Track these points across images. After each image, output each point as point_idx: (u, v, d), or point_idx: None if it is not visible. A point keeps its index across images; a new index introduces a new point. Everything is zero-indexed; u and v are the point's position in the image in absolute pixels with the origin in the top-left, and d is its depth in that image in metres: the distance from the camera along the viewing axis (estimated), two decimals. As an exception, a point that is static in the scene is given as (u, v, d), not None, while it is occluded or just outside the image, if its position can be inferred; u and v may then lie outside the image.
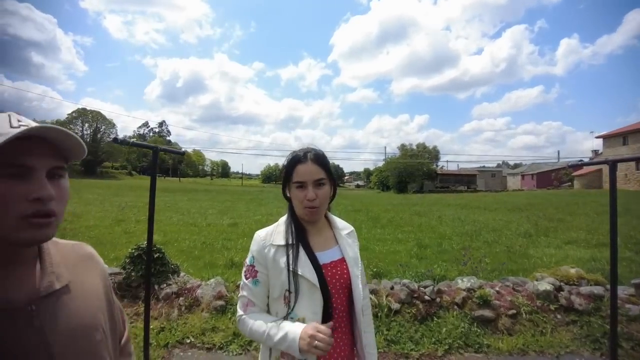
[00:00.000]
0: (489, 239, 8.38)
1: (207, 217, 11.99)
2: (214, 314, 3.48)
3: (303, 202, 1.17)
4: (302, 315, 1.14)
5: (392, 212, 15.32)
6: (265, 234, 1.24)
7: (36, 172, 0.62)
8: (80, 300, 0.74)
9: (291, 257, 1.16)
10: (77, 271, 0.77)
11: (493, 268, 5.16)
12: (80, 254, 0.82)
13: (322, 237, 1.27)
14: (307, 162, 1.18)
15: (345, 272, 1.22)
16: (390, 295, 3.61)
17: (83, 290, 0.76)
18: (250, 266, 1.22)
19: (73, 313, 0.71)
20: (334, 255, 1.25)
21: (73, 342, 0.69)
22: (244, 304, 1.21)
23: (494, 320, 3.40)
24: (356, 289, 1.21)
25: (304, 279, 1.14)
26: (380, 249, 6.96)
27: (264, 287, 1.20)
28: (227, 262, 5.57)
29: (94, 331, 0.74)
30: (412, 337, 3.25)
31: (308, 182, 1.16)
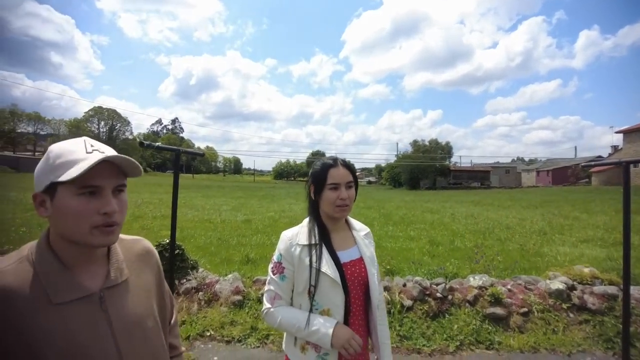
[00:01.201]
0: (502, 236, 8.32)
1: (222, 213, 12.20)
2: (232, 308, 3.62)
3: (335, 202, 1.30)
4: (326, 307, 1.27)
5: (404, 209, 15.30)
6: (291, 234, 1.36)
7: (105, 190, 0.77)
8: (136, 293, 0.89)
9: (315, 256, 1.28)
10: (136, 267, 0.93)
11: (505, 266, 5.16)
12: (139, 250, 0.97)
13: (342, 237, 1.39)
14: (339, 167, 1.33)
15: (363, 271, 1.34)
16: (402, 292, 3.68)
17: (139, 284, 0.91)
18: (278, 263, 1.34)
19: (130, 303, 0.86)
20: (353, 254, 1.36)
21: (129, 326, 0.84)
22: (271, 297, 1.33)
23: (506, 318, 3.45)
24: (373, 286, 1.34)
25: (327, 276, 1.26)
26: (392, 246, 7.02)
27: (290, 282, 1.32)
28: (243, 258, 5.71)
29: (147, 319, 0.89)
30: (424, 333, 3.32)
31: (341, 184, 1.30)
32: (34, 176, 0.78)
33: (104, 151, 0.79)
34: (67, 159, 0.74)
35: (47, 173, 0.74)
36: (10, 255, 0.78)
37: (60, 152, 0.75)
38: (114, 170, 0.79)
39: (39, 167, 0.77)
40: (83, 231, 0.74)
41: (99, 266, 0.84)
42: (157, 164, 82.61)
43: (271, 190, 31.74)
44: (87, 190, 0.74)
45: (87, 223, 0.74)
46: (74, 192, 0.73)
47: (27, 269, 0.74)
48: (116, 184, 0.79)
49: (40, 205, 0.77)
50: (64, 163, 0.73)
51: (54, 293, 0.73)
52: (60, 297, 0.74)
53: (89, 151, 0.76)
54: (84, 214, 0.74)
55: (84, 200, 0.74)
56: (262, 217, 11.31)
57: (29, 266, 0.75)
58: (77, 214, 0.73)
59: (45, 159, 0.77)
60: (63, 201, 0.74)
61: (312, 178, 1.37)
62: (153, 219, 9.98)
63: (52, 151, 0.76)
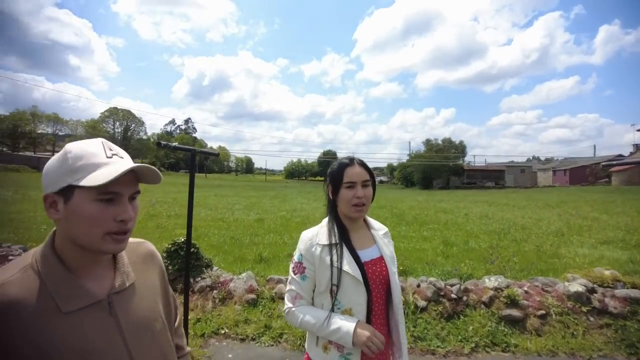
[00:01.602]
0: (518, 237, 8.17)
1: (234, 212, 12.32)
2: (246, 306, 3.66)
3: (352, 200, 1.30)
4: (349, 306, 1.27)
5: (416, 208, 15.16)
6: (311, 235, 1.37)
7: (122, 198, 0.76)
8: (143, 296, 0.88)
9: (336, 255, 1.29)
10: (141, 269, 0.91)
11: (522, 267, 5.07)
12: (143, 253, 0.95)
13: (362, 236, 1.39)
14: (355, 166, 1.34)
15: (384, 269, 1.34)
16: (416, 292, 3.65)
17: (145, 287, 0.90)
18: (299, 263, 1.35)
19: (138, 307, 0.85)
20: (373, 253, 1.36)
21: (139, 330, 0.82)
22: (292, 297, 1.35)
23: (522, 320, 3.39)
24: (394, 284, 1.34)
25: (349, 275, 1.26)
26: (405, 246, 6.97)
27: (311, 282, 1.33)
28: (256, 257, 5.75)
29: (155, 322, 0.88)
30: (439, 335, 3.29)
31: (357, 183, 1.31)
32: (45, 175, 0.75)
33: (122, 156, 0.79)
34: (88, 162, 0.72)
35: (64, 174, 0.72)
36: (14, 263, 0.75)
37: (81, 154, 0.73)
38: (133, 178, 0.78)
39: (54, 166, 0.74)
40: (95, 237, 0.73)
41: (105, 270, 0.82)
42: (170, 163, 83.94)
43: (283, 190, 31.89)
44: (106, 196, 0.73)
45: (101, 229, 0.73)
46: (91, 197, 0.72)
47: (33, 278, 0.71)
48: (133, 191, 0.78)
49: (51, 206, 0.74)
50: (85, 166, 0.72)
51: (63, 302, 0.71)
52: (70, 305, 0.72)
53: (108, 155, 0.75)
54: (100, 220, 0.72)
55: (101, 206, 0.72)
56: (274, 217, 11.38)
57: (34, 275, 0.72)
58: (93, 220, 0.72)
59: (62, 158, 0.73)
60: (79, 205, 0.71)
61: (330, 178, 1.38)
62: (167, 217, 10.15)
63: (71, 151, 0.73)
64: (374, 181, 1.37)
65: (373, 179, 1.37)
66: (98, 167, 0.72)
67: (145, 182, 0.82)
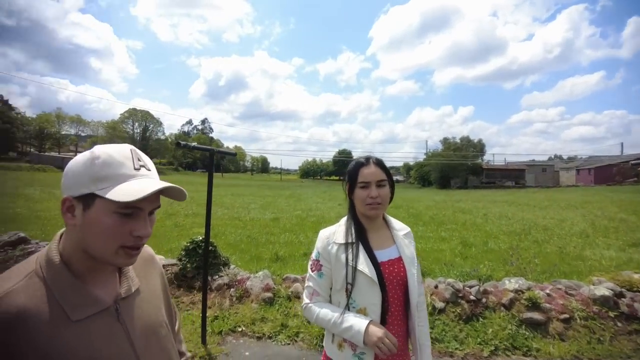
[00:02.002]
0: (539, 238, 7.94)
1: (250, 211, 12.46)
2: (263, 305, 3.69)
3: (366, 200, 1.30)
4: (363, 306, 1.27)
5: (434, 208, 14.95)
6: (328, 233, 1.38)
7: (143, 213, 0.73)
8: (148, 301, 0.86)
9: (351, 255, 1.29)
10: (143, 274, 0.89)
11: (543, 269, 4.92)
12: (144, 257, 0.92)
13: (380, 236, 1.38)
14: (370, 165, 1.33)
15: (402, 270, 1.32)
16: (434, 293, 3.60)
17: (149, 291, 0.88)
18: (316, 260, 1.37)
19: (144, 312, 0.83)
20: (392, 254, 1.34)
21: (146, 336, 0.80)
22: (310, 293, 1.37)
23: (544, 323, 3.29)
24: (412, 286, 1.31)
25: (363, 274, 1.26)
26: (422, 247, 6.87)
27: (327, 279, 1.34)
28: (272, 256, 5.79)
29: (160, 327, 0.86)
30: (457, 337, 3.23)
31: (372, 183, 1.30)
32: (67, 176, 0.71)
33: (150, 168, 0.77)
34: (116, 173, 0.69)
35: (88, 181, 0.69)
36: (17, 269, 0.71)
37: (109, 162, 0.70)
38: (157, 195, 0.74)
39: (78, 169, 0.70)
40: (109, 250, 0.71)
41: (110, 276, 0.79)
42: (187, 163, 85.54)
43: (298, 189, 32.01)
44: (127, 210, 0.70)
45: (117, 242, 0.70)
46: (112, 209, 0.69)
47: (39, 285, 0.68)
48: (154, 207, 0.76)
49: (68, 210, 0.71)
50: (111, 176, 0.69)
51: (72, 310, 0.68)
52: (79, 313, 0.69)
53: (136, 167, 0.73)
54: (117, 234, 0.70)
55: (120, 219, 0.70)
56: (289, 216, 11.44)
57: (39, 282, 0.68)
58: (110, 232, 0.69)
59: (89, 163, 0.69)
60: (98, 215, 0.69)
61: (347, 177, 1.39)
62: (185, 216, 10.34)
63: (99, 157, 0.70)
64: (391, 181, 1.36)
65: (390, 179, 1.35)
66: (125, 180, 0.70)
67: (169, 197, 0.80)
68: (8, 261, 4.78)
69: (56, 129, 65.51)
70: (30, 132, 61.06)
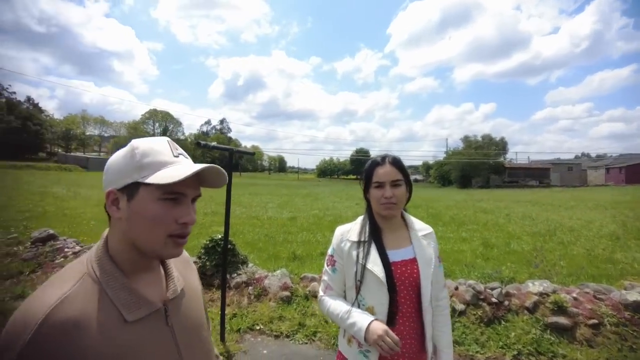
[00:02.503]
0: (565, 239, 7.65)
1: (268, 210, 12.56)
2: (281, 303, 3.71)
3: (380, 200, 1.30)
4: (371, 304, 1.28)
5: (454, 208, 14.67)
6: (344, 230, 1.40)
7: (186, 199, 0.73)
8: (191, 302, 0.85)
9: (362, 253, 1.30)
10: (185, 273, 0.89)
11: (570, 272, 4.74)
12: (183, 258, 0.92)
13: (397, 237, 1.36)
14: (385, 165, 1.32)
15: (415, 272, 1.29)
16: (454, 295, 3.52)
17: (191, 293, 0.87)
18: (331, 256, 1.40)
19: (189, 314, 0.82)
20: (406, 254, 1.32)
21: (190, 338, 0.79)
22: (324, 286, 1.41)
23: (571, 329, 3.16)
24: (424, 289, 1.28)
25: (372, 274, 1.26)
26: (442, 247, 6.73)
27: (340, 274, 1.37)
28: (290, 254, 5.82)
29: (201, 328, 0.86)
30: (478, 340, 3.15)
31: (386, 182, 1.29)
32: (108, 170, 0.72)
33: (187, 157, 0.77)
34: (155, 160, 0.70)
35: (130, 171, 0.69)
36: (69, 271, 0.70)
37: (148, 151, 0.70)
38: (197, 181, 0.75)
39: (119, 162, 0.71)
40: (158, 239, 0.70)
41: (156, 276, 0.79)
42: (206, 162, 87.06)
43: (315, 188, 32.06)
44: (171, 196, 0.70)
45: (164, 230, 0.70)
46: (156, 196, 0.69)
47: (93, 287, 0.67)
48: (196, 194, 0.76)
49: (113, 204, 0.70)
50: (152, 163, 0.69)
51: (126, 311, 0.68)
52: (133, 314, 0.68)
53: (175, 155, 0.73)
54: (163, 221, 0.69)
55: (165, 206, 0.69)
56: (306, 215, 11.46)
57: (93, 283, 0.67)
58: (156, 220, 0.69)
59: (129, 154, 0.70)
60: (143, 204, 0.69)
61: (363, 176, 1.39)
62: (204, 215, 10.52)
63: (138, 147, 0.70)
64: (408, 180, 1.34)
65: (407, 178, 1.34)
66: (165, 166, 0.70)
67: (207, 185, 0.79)
68: (39, 257, 5.00)
69: (81, 130, 68.19)
70: (57, 133, 63.70)
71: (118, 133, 72.83)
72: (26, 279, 4.42)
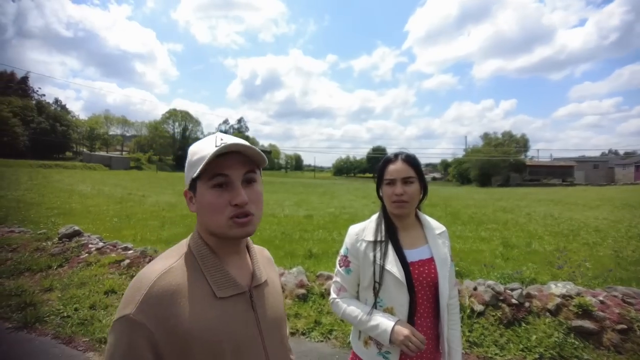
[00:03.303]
0: (590, 240, 7.38)
1: (284, 208, 12.65)
2: (297, 301, 3.73)
3: (391, 197, 1.28)
4: (390, 305, 1.25)
5: (473, 207, 14.39)
6: (358, 230, 1.37)
7: (234, 182, 0.77)
8: (274, 295, 0.90)
9: (379, 253, 1.27)
10: (267, 270, 0.94)
11: (595, 274, 4.56)
12: (265, 256, 0.99)
13: (412, 235, 1.34)
14: (398, 162, 1.30)
15: (432, 271, 1.27)
16: (473, 296, 3.46)
17: (274, 286, 0.93)
18: (344, 256, 1.37)
19: (271, 304, 0.87)
20: (423, 254, 1.30)
21: (272, 328, 0.85)
22: (337, 288, 1.38)
23: (597, 333, 3.04)
24: (442, 288, 1.26)
25: (391, 274, 1.23)
26: (461, 247, 6.63)
27: (355, 275, 1.34)
28: (306, 252, 5.85)
29: (282, 322, 0.91)
30: (497, 342, 3.08)
31: (397, 179, 1.27)
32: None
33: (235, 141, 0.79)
34: (200, 156, 0.76)
35: (188, 171, 0.78)
36: (174, 250, 0.81)
37: (196, 150, 0.78)
38: (240, 160, 0.78)
39: (185, 166, 0.82)
40: (221, 223, 0.76)
41: (243, 262, 0.86)
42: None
43: (331, 187, 32.07)
44: (217, 181, 0.75)
45: (222, 215, 0.75)
46: (208, 185, 0.76)
47: (191, 264, 0.77)
48: (242, 172, 0.78)
49: (190, 201, 0.80)
50: (198, 159, 0.76)
51: (217, 288, 0.76)
52: (223, 292, 0.76)
53: (217, 144, 0.77)
54: (218, 207, 0.75)
55: (217, 192, 0.75)
56: (323, 213, 11.48)
57: (192, 261, 0.77)
58: (212, 207, 0.75)
59: (187, 158, 0.80)
60: (201, 195, 0.77)
61: (376, 173, 1.37)
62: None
63: (190, 150, 0.80)
64: (422, 178, 1.31)
65: (420, 176, 1.30)
66: (206, 158, 0.75)
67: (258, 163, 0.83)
68: (65, 252, 5.20)
69: (104, 129, 70.36)
70: (82, 133, 66.03)
71: (139, 132, 74.79)
72: (54, 273, 4.62)
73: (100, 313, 3.55)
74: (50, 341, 3.09)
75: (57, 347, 2.99)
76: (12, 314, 3.48)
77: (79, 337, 3.14)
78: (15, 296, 3.81)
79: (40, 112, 52.97)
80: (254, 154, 0.79)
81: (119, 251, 5.13)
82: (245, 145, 0.77)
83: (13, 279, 4.37)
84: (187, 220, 9.05)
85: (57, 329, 3.24)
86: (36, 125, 50.17)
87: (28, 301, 3.65)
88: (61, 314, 3.50)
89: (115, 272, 4.53)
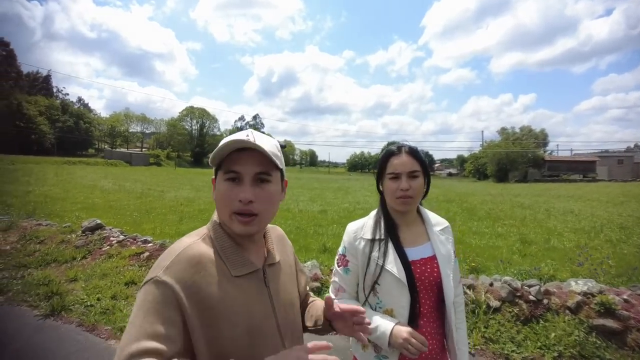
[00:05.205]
0: (614, 237, 7.14)
1: (299, 203, 12.71)
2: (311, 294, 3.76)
3: (396, 193, 1.20)
4: (390, 307, 1.19)
5: (490, 203, 14.11)
6: (356, 228, 1.30)
7: (245, 178, 0.79)
8: (286, 275, 0.96)
9: (379, 252, 1.21)
10: (280, 250, 0.98)
11: (619, 272, 4.41)
12: (278, 235, 1.03)
13: (413, 232, 1.27)
14: (402, 155, 1.22)
15: (435, 270, 1.21)
16: (489, 292, 3.41)
17: (286, 266, 0.97)
18: (342, 255, 1.30)
19: (284, 283, 0.93)
20: (425, 252, 1.24)
21: (285, 305, 0.89)
22: (335, 288, 1.31)
23: (621, 333, 2.95)
24: (447, 288, 1.20)
25: (391, 274, 1.17)
26: (477, 243, 6.53)
27: (353, 275, 1.27)
28: (320, 247, 5.89)
29: (295, 299, 0.96)
30: (514, 338, 3.04)
31: (402, 174, 1.20)
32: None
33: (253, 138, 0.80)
34: (224, 148, 0.79)
35: (211, 160, 0.82)
36: (194, 232, 0.87)
37: (221, 142, 0.80)
38: (256, 159, 0.79)
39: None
40: (226, 215, 0.81)
41: (258, 245, 0.90)
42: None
43: (345, 182, 31.99)
44: (230, 175, 0.79)
45: (228, 208, 0.79)
46: (224, 177, 0.80)
47: (210, 244, 0.82)
48: (254, 172, 0.79)
49: (214, 188, 0.85)
50: (217, 151, 0.80)
51: (232, 267, 0.81)
52: (237, 271, 0.81)
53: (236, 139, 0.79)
54: (226, 199, 0.79)
55: (229, 185, 0.79)
56: (337, 209, 11.49)
57: (210, 242, 0.83)
58: (222, 198, 0.80)
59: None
60: (218, 185, 0.82)
61: (377, 167, 1.30)
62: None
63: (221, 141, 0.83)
64: (426, 172, 1.24)
65: (425, 169, 1.24)
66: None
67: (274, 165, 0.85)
68: (88, 244, 5.39)
69: (125, 127, 72.11)
70: (104, 130, 67.92)
71: (159, 130, 76.26)
72: (78, 264, 4.80)
73: (121, 303, 3.67)
74: (74, 329, 3.22)
75: (81, 335, 3.12)
76: (40, 302, 3.64)
77: (102, 326, 3.26)
78: (43, 285, 3.98)
79: (65, 111, 54.72)
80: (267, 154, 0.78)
81: (139, 244, 5.28)
82: (255, 144, 0.77)
83: (41, 269, 4.57)
84: (204, 215, 9.21)
85: (81, 317, 3.38)
86: (62, 123, 51.90)
87: (54, 291, 3.81)
88: (85, 303, 3.65)
89: (135, 264, 4.67)
